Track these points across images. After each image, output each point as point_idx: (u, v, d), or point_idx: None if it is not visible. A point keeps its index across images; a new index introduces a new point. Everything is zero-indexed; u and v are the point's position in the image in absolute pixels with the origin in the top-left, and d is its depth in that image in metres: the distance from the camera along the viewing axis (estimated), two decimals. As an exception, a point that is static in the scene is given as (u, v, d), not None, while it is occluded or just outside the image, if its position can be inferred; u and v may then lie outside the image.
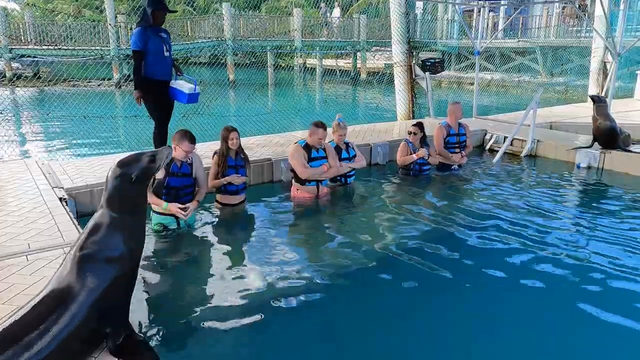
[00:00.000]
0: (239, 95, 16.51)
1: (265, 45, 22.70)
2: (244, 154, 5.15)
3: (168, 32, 5.72)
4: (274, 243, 4.48)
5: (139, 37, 5.27)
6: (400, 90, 10.54)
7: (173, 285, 3.73)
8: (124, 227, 2.54)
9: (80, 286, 2.37)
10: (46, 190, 4.94)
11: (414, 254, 4.22)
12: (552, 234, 4.66)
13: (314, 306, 3.45)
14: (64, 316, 2.30)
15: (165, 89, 5.51)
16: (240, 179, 5.03)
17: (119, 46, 19.88)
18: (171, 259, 4.16)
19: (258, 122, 10.40)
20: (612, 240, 4.53)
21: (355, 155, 5.96)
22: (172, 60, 5.62)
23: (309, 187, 5.53)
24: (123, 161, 2.63)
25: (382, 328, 3.23)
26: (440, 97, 17.80)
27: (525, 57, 23.42)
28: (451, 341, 3.12)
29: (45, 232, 3.96)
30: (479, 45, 10.33)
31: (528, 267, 4.00)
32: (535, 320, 3.33)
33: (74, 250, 2.48)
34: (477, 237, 4.54)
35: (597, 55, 14.00)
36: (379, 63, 25.35)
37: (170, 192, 4.44)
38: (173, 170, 4.43)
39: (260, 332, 3.15)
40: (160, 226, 4.56)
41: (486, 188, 6.17)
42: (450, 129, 6.73)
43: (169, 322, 3.20)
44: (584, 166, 6.96)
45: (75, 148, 9.28)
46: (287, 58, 25.45)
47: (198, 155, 4.77)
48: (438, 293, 3.72)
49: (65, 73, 13.30)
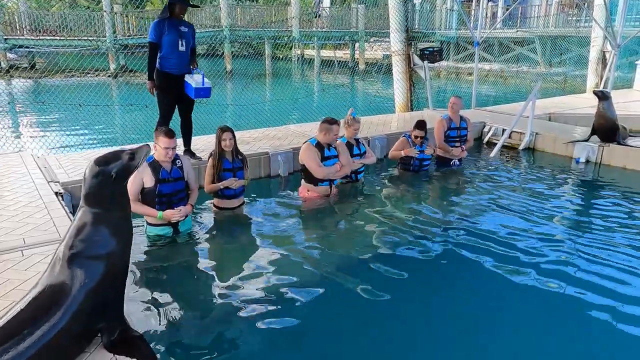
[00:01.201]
0: (237, 86, 16.43)
1: (262, 35, 22.55)
2: (241, 155, 4.86)
3: (191, 25, 5.66)
4: (276, 245, 4.32)
5: (153, 29, 5.32)
6: (398, 80, 10.46)
7: (172, 289, 3.63)
8: (109, 223, 2.53)
9: (71, 283, 2.37)
10: (42, 184, 4.91)
11: (425, 252, 4.23)
12: (551, 231, 4.66)
13: (319, 309, 3.42)
14: (56, 313, 2.30)
15: (178, 83, 5.46)
16: (238, 183, 4.72)
17: (115, 36, 19.72)
18: (170, 265, 4.03)
19: (255, 114, 10.35)
20: (611, 236, 4.54)
21: (366, 152, 5.83)
22: (189, 55, 5.54)
23: (322, 188, 5.28)
24: (101, 159, 2.58)
25: (398, 332, 3.20)
26: (439, 87, 17.76)
27: (524, 47, 23.33)
28: (457, 335, 3.14)
29: (41, 226, 3.94)
30: (478, 36, 10.25)
31: (527, 262, 4.00)
32: (535, 314, 3.34)
33: (62, 248, 2.47)
34: (486, 234, 4.52)
35: (597, 44, 13.95)
36: (377, 54, 25.25)
37: (163, 199, 4.16)
38: (163, 177, 4.14)
39: (260, 333, 3.12)
40: (157, 237, 4.32)
41: (486, 186, 6.12)
42: (452, 122, 6.65)
43: (168, 323, 3.18)
44: (583, 160, 6.93)
45: (72, 141, 9.22)
46: (285, 49, 25.31)
47: (187, 157, 4.66)
48: (440, 290, 3.73)
49: (61, 63, 13.21)
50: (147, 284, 3.67)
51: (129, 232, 2.68)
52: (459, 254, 4.18)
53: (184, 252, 4.24)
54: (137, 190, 4.11)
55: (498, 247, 4.26)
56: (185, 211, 4.25)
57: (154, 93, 5.51)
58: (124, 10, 21.33)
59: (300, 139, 6.79)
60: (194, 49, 5.64)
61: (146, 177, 4.12)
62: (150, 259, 4.08)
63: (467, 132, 6.77)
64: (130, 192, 4.03)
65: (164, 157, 4.12)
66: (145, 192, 4.14)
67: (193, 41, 5.59)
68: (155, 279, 3.80)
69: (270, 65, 22.85)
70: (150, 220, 4.28)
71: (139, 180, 4.09)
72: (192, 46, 5.58)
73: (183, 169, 4.30)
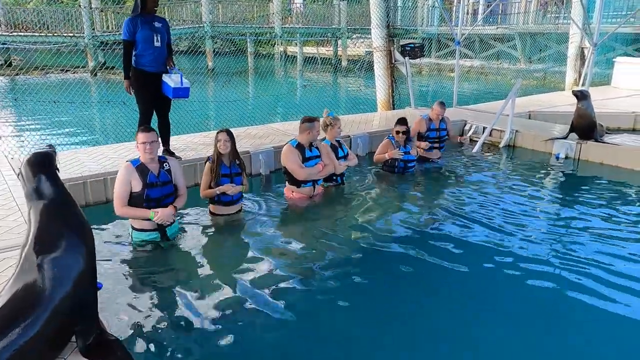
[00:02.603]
0: (218, 83, 16.25)
1: (244, 31, 22.36)
2: (239, 159, 4.70)
3: (165, 20, 5.55)
4: (268, 247, 4.28)
5: (126, 26, 5.22)
6: (380, 76, 10.45)
7: (156, 295, 3.56)
8: (64, 215, 2.56)
9: (42, 284, 2.33)
10: (15, 186, 4.79)
11: (411, 248, 4.25)
12: (533, 224, 4.76)
13: (307, 312, 3.39)
14: (29, 316, 2.25)
15: (155, 80, 5.37)
16: (235, 189, 4.56)
17: (93, 32, 19.36)
18: (155, 271, 3.91)
19: (237, 112, 10.25)
20: (588, 228, 4.67)
21: (348, 153, 5.77)
22: (165, 51, 5.45)
23: (305, 189, 5.23)
24: (35, 156, 2.65)
25: (389, 334, 3.18)
26: (421, 84, 17.81)
27: (504, 43, 23.56)
28: (441, 328, 3.18)
29: (15, 229, 3.86)
30: (459, 34, 10.29)
31: (509, 256, 4.07)
32: (519, 309, 3.39)
33: (27, 250, 2.43)
34: (473, 232, 4.57)
35: (575, 41, 14.16)
36: (360, 50, 25.26)
37: (152, 204, 4.04)
38: (151, 181, 4.02)
39: (242, 336, 3.08)
40: (144, 242, 4.19)
41: (470, 181, 6.18)
42: (432, 123, 6.69)
43: (149, 328, 3.12)
44: (562, 156, 7.05)
45: (48, 141, 8.98)
46: (268, 46, 25.16)
47: (176, 160, 4.56)
48: (427, 289, 3.76)
49: (39, 62, 12.90)
50: (132, 289, 3.60)
51: (84, 220, 2.68)
52: (448, 250, 4.21)
53: (169, 258, 4.13)
54: (126, 194, 4.00)
55: (483, 242, 4.34)
56: (167, 212, 4.06)
57: (132, 92, 5.42)
58: (103, 7, 20.95)
59: (282, 137, 6.75)
60: (169, 44, 5.55)
61: (134, 181, 4.00)
62: (135, 264, 3.98)
63: (447, 130, 6.82)
64: (118, 197, 4.00)
65: (143, 152, 4.01)
66: (133, 197, 4.01)
67: (168, 36, 5.50)
68: (140, 284, 3.72)
69: (252, 63, 22.68)
70: (137, 225, 4.17)
71: (127, 184, 3.99)
72: (168, 42, 5.49)
73: (171, 172, 4.19)
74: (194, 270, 3.94)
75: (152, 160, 4.07)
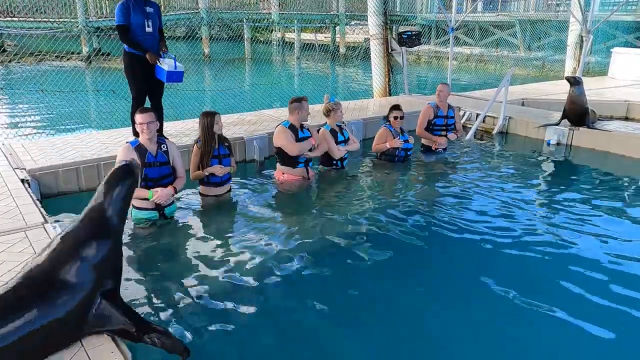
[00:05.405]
0: (214, 70, 16.17)
1: (240, 16, 22.15)
2: (227, 142, 4.85)
3: (156, 4, 5.53)
4: (261, 228, 4.39)
5: (120, 11, 5.23)
6: (376, 64, 10.41)
7: (154, 272, 3.66)
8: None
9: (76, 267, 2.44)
10: (7, 171, 4.82)
11: (408, 233, 4.33)
12: (524, 210, 4.83)
13: (303, 291, 3.46)
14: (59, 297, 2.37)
15: (148, 65, 5.36)
16: (224, 170, 4.72)
17: (87, 18, 19.20)
18: (154, 248, 4.04)
19: (233, 98, 10.23)
20: (582, 208, 4.84)
21: (349, 138, 5.79)
22: (158, 36, 5.46)
23: (298, 170, 5.32)
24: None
25: (378, 318, 3.25)
26: (420, 73, 17.72)
27: (504, 31, 23.40)
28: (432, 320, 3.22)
29: (6, 214, 3.89)
30: (453, 21, 10.22)
31: (502, 243, 4.13)
32: (512, 297, 3.39)
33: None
34: (464, 218, 4.63)
35: (575, 29, 14.04)
36: (359, 37, 25.07)
37: (149, 184, 4.18)
38: (149, 161, 4.15)
39: (238, 316, 3.15)
40: (143, 220, 4.33)
41: (464, 168, 6.24)
42: (439, 110, 6.56)
43: (147, 305, 3.21)
44: (554, 143, 7.08)
45: (39, 128, 8.88)
46: (266, 32, 24.94)
47: (173, 142, 4.61)
48: (421, 274, 3.83)
49: (34, 47, 12.75)
50: (130, 265, 3.68)
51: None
52: (445, 235, 4.29)
53: (168, 236, 4.28)
54: None
55: (479, 226, 4.42)
56: (166, 192, 4.21)
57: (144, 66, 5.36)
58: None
59: (275, 123, 6.74)
60: (161, 29, 5.55)
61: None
62: (135, 242, 4.11)
63: (455, 122, 6.69)
64: None
65: (141, 133, 4.14)
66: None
67: (159, 21, 5.50)
68: (138, 262, 3.83)
69: (249, 49, 22.52)
70: (137, 204, 4.28)
71: None
72: (159, 26, 5.49)
73: (169, 153, 4.32)
74: (191, 250, 4.06)
75: (150, 140, 4.20)
